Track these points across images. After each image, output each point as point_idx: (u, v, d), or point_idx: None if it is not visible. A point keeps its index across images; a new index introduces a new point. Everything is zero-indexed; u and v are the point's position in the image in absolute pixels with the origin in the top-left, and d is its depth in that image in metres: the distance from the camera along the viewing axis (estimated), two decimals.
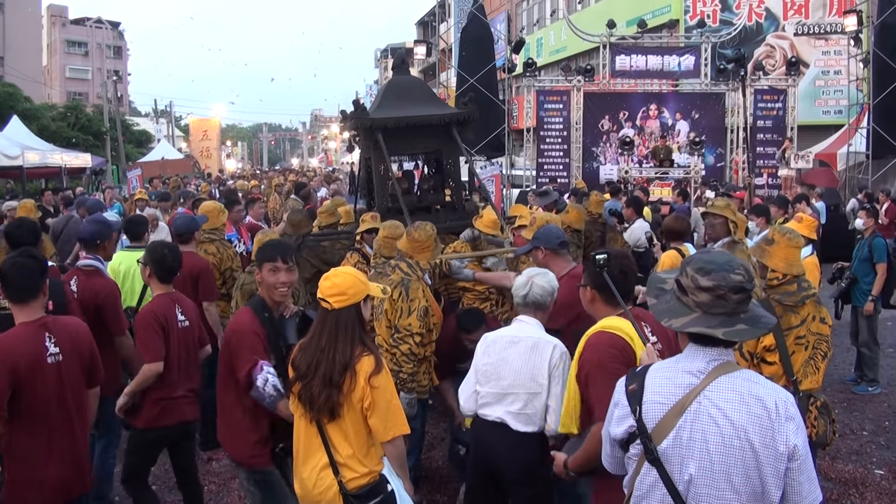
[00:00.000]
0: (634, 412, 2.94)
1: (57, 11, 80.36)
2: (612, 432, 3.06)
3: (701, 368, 2.86)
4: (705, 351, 2.88)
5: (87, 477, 4.69)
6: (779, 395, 2.84)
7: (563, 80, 25.67)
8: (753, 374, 2.94)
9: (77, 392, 4.56)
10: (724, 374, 2.84)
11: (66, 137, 37.85)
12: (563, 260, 5.91)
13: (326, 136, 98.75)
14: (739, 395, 2.80)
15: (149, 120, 65.07)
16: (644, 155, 23.79)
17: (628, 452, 3.01)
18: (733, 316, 2.84)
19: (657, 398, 2.89)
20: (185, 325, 5.61)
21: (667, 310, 2.98)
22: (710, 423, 2.79)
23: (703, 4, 30.75)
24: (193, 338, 5.71)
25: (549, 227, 6.16)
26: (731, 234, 7.03)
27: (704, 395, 2.81)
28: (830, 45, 29.37)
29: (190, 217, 8.32)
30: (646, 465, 2.92)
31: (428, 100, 9.05)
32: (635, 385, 2.98)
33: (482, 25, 26.77)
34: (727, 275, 2.83)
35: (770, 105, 24.13)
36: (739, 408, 2.78)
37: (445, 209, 8.69)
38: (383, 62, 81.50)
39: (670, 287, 3.05)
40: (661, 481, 2.87)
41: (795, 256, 5.17)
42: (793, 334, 5.06)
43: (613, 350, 3.91)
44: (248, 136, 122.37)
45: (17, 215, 9.63)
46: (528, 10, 47.58)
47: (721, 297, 2.82)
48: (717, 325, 2.82)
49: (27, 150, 23.64)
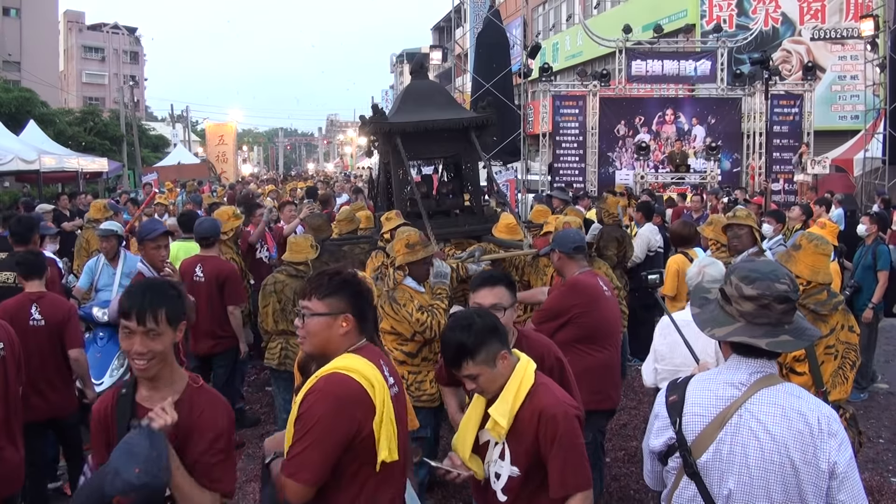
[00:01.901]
0: (674, 424, 2.90)
1: (74, 17, 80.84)
2: (652, 444, 3.02)
3: (743, 380, 2.82)
4: (748, 362, 2.84)
5: None
6: (822, 411, 2.77)
7: (578, 85, 25.65)
8: (796, 388, 2.87)
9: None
10: (767, 387, 2.79)
11: (82, 142, 38.02)
12: (576, 264, 5.90)
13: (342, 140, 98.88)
14: (781, 409, 2.75)
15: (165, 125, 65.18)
16: (660, 160, 23.75)
17: (667, 466, 2.98)
18: (777, 326, 2.79)
19: (698, 410, 2.86)
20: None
21: (710, 319, 2.94)
22: (751, 437, 2.74)
23: (719, 9, 30.64)
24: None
25: (567, 232, 6.19)
26: (756, 244, 6.94)
27: (746, 409, 2.77)
28: (847, 49, 29.24)
29: (213, 220, 8.40)
30: (684, 479, 2.89)
31: (446, 104, 9.06)
32: (676, 396, 2.95)
33: (498, 30, 26.79)
34: (772, 284, 2.79)
35: (786, 110, 24.06)
36: (781, 422, 2.73)
37: (464, 213, 8.70)
38: (399, 67, 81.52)
39: (714, 297, 3.01)
40: (700, 496, 2.84)
41: (822, 264, 4.98)
42: (822, 344, 4.92)
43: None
44: (263, 141, 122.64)
45: (89, 215, 11.18)
46: (544, 15, 47.57)
47: (765, 306, 2.78)
48: (761, 335, 2.78)
49: (44, 154, 23.67)
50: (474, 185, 8.82)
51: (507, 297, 4.38)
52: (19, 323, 5.63)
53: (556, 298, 5.85)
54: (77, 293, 8.24)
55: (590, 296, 5.73)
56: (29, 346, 5.58)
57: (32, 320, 5.93)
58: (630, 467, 7.16)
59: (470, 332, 3.47)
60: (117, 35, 79.37)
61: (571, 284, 5.82)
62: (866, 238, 9.97)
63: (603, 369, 5.77)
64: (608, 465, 7.15)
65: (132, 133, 41.60)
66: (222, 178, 38.52)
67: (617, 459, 7.41)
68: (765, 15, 30.15)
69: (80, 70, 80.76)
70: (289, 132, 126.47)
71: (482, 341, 3.46)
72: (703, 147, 23.22)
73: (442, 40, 63.17)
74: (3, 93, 35.09)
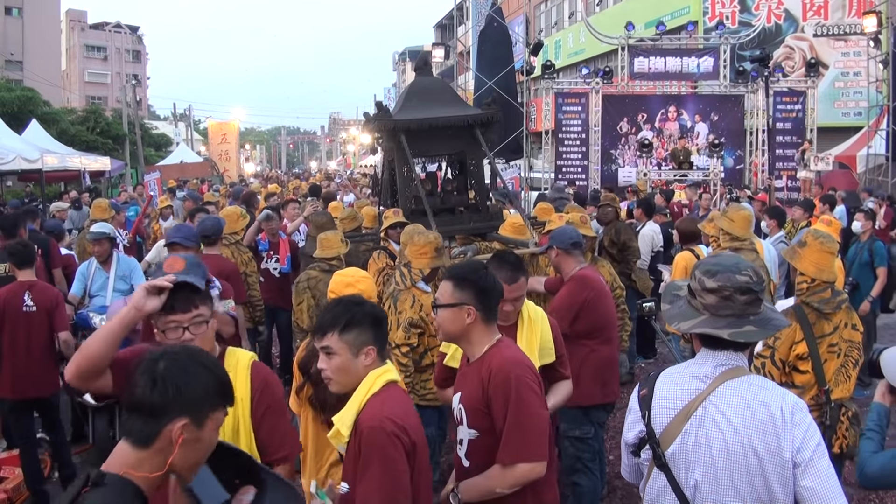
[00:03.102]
0: (644, 417, 2.98)
1: (76, 16, 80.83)
2: (625, 437, 3.10)
3: (708, 373, 2.89)
4: (714, 355, 2.90)
5: None
6: (786, 401, 2.82)
7: (581, 82, 25.64)
8: (761, 380, 2.94)
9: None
10: (731, 379, 2.85)
11: (85, 141, 38.02)
12: (574, 260, 5.98)
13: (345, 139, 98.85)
14: (744, 400, 2.81)
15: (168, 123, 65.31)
16: (663, 157, 23.73)
17: (640, 458, 3.05)
18: (742, 318, 2.85)
19: (665, 403, 2.93)
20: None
21: (677, 314, 3.01)
22: (715, 428, 2.81)
23: (721, 6, 30.62)
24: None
25: (564, 228, 6.28)
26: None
27: (710, 401, 2.84)
28: (850, 46, 29.20)
29: (216, 219, 8.37)
30: (655, 470, 2.96)
31: (451, 101, 9.06)
32: (646, 390, 3.02)
33: (500, 28, 26.76)
34: (733, 276, 2.85)
35: (789, 107, 24.04)
36: (743, 413, 2.79)
37: (469, 210, 8.70)
38: (401, 65, 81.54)
39: (684, 294, 3.06)
40: (670, 486, 2.90)
41: (827, 262, 4.94)
42: (826, 342, 4.92)
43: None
44: (266, 140, 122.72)
45: (92, 216, 11.08)
46: (547, 12, 47.52)
47: (727, 297, 2.85)
48: (724, 326, 2.84)
49: (46, 153, 23.70)
50: (479, 183, 8.81)
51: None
52: (14, 308, 6.46)
53: (568, 293, 5.85)
54: (72, 300, 8.05)
55: (598, 289, 5.82)
56: (23, 329, 6.46)
57: (25, 306, 6.52)
58: None
59: (357, 309, 3.24)
60: (119, 34, 79.36)
61: (580, 278, 5.86)
62: (861, 235, 9.96)
63: (606, 363, 5.84)
64: (611, 462, 7.16)
65: (135, 132, 41.66)
66: (225, 178, 38.46)
67: (619, 458, 7.39)
68: (767, 11, 30.07)
69: (83, 69, 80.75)
70: (291, 130, 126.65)
71: (360, 322, 3.20)
72: (706, 144, 23.15)
73: (444, 38, 63.16)
74: (5, 92, 35.18)
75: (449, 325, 3.63)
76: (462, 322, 3.58)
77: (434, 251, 5.87)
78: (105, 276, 8.09)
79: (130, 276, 8.20)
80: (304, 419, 4.17)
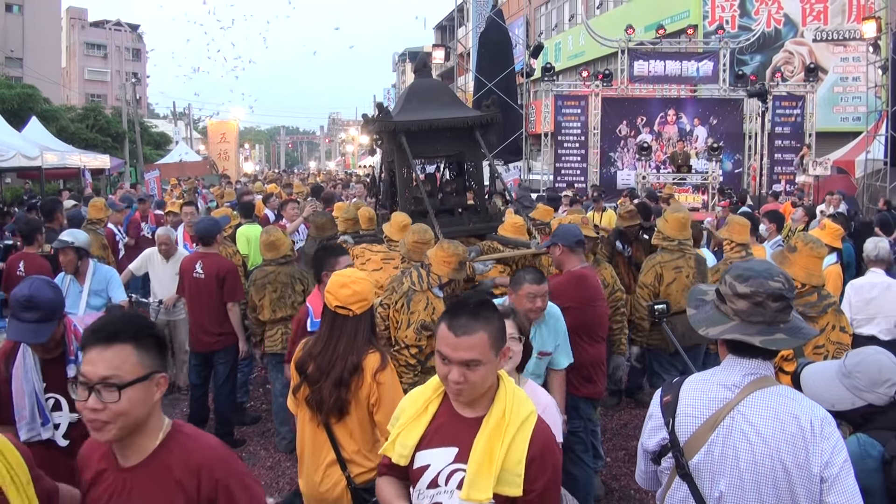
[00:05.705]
0: (667, 424, 2.88)
1: (76, 14, 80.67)
2: (645, 444, 3.01)
3: (736, 382, 2.80)
4: (742, 363, 2.82)
5: None
6: (815, 414, 2.72)
7: (581, 84, 25.68)
8: (791, 391, 2.83)
9: None
10: (760, 389, 2.76)
11: (84, 139, 37.96)
12: (577, 258, 6.17)
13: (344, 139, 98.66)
14: (774, 411, 2.71)
15: (167, 122, 65.16)
16: (661, 160, 23.76)
17: (660, 466, 2.96)
18: (773, 325, 2.78)
19: (690, 411, 2.83)
20: None
21: (705, 319, 2.93)
22: (743, 439, 2.71)
23: (721, 10, 30.67)
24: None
25: (568, 226, 6.37)
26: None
27: (738, 411, 2.74)
28: (849, 51, 29.27)
29: (212, 219, 8.39)
30: (677, 479, 2.87)
31: (450, 102, 9.05)
32: (670, 396, 2.93)
33: (501, 30, 26.81)
34: (765, 281, 2.78)
35: (788, 111, 24.11)
36: (773, 425, 2.69)
37: (468, 212, 8.70)
38: (401, 66, 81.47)
39: (711, 298, 2.99)
40: (692, 497, 2.81)
41: (816, 266, 4.98)
42: (811, 343, 4.90)
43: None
44: (265, 139, 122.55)
45: (89, 215, 10.38)
46: (547, 14, 47.54)
47: (759, 304, 2.77)
48: (755, 333, 2.76)
49: (46, 150, 23.67)
50: (478, 184, 8.82)
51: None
52: (13, 276, 7.73)
53: (562, 287, 5.87)
54: None
55: (595, 290, 6.00)
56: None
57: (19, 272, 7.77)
58: (630, 467, 7.17)
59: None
60: (119, 32, 79.03)
61: (579, 276, 5.99)
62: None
63: (593, 360, 6.00)
64: (608, 465, 7.20)
65: (134, 130, 41.62)
66: (222, 181, 38.47)
67: (617, 459, 7.43)
68: (767, 16, 30.12)
69: (83, 67, 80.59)
70: (290, 130, 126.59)
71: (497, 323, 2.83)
72: (705, 148, 23.20)
73: (445, 39, 63.15)
74: (5, 89, 35.12)
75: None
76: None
77: (458, 264, 5.85)
78: (79, 290, 7.23)
79: (107, 288, 7.37)
80: (301, 420, 4.18)
